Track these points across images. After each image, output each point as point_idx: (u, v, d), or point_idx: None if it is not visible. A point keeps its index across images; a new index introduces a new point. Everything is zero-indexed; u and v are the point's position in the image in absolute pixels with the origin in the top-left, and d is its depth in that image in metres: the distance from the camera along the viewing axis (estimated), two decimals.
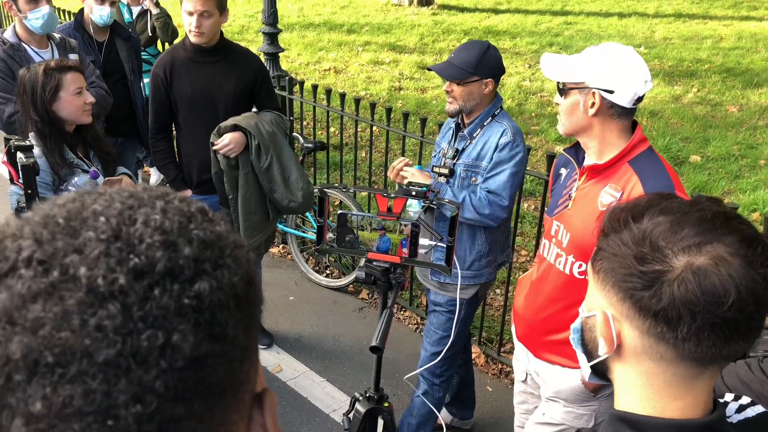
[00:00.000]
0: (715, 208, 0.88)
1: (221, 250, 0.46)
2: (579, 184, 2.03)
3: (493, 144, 2.54)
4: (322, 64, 9.69)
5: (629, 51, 1.89)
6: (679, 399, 0.89)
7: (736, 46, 11.09)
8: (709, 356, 0.85)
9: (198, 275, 0.43)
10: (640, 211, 0.90)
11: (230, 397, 0.45)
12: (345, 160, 5.58)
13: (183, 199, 0.49)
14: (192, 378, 0.41)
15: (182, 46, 3.25)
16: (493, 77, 2.56)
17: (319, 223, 1.95)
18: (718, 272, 0.82)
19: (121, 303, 0.40)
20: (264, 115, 3.31)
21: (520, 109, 7.83)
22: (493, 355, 3.74)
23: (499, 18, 13.34)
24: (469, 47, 2.58)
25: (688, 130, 7.19)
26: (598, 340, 0.95)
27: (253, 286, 0.48)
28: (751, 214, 5.29)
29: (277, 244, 4.91)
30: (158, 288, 0.41)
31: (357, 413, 2.10)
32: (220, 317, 0.43)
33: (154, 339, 0.40)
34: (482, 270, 2.74)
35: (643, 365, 0.90)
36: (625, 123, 1.94)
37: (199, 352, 0.42)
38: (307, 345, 3.86)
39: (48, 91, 2.59)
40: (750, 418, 0.98)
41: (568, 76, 1.93)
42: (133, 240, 0.42)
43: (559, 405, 2.15)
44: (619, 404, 0.96)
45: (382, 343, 1.65)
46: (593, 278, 0.96)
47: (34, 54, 3.47)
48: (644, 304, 0.86)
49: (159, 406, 0.40)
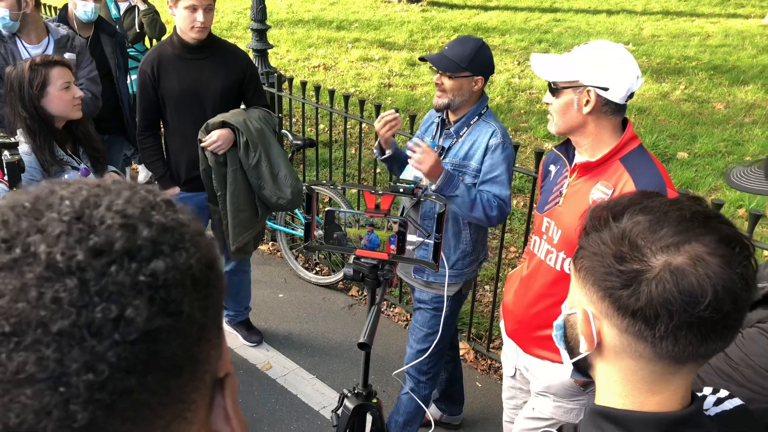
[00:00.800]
0: (695, 208, 0.88)
1: (181, 235, 0.49)
2: (570, 180, 2.03)
3: (483, 145, 2.54)
4: (311, 61, 9.67)
5: (620, 48, 1.89)
6: (657, 394, 0.90)
7: (723, 43, 11.17)
8: (686, 355, 0.86)
9: (155, 255, 0.45)
10: (620, 210, 0.91)
11: (187, 375, 0.47)
12: (334, 157, 5.57)
13: (150, 191, 0.52)
14: (145, 351, 0.43)
15: (170, 42, 3.23)
16: (483, 75, 2.56)
17: (307, 219, 1.95)
18: (695, 272, 0.82)
19: (79, 278, 0.42)
20: (252, 111, 3.30)
21: (509, 106, 7.85)
22: (482, 351, 3.76)
23: (489, 15, 13.36)
24: (463, 42, 2.57)
25: (676, 127, 7.24)
26: (579, 337, 0.96)
27: (212, 271, 0.50)
28: (737, 210, 5.33)
29: (267, 241, 4.90)
30: (115, 265, 0.43)
31: (345, 409, 2.10)
32: (174, 294, 0.45)
33: (108, 312, 0.42)
34: (465, 269, 2.76)
35: (622, 362, 0.91)
36: (617, 120, 1.95)
37: (152, 326, 0.43)
38: (296, 342, 3.86)
39: (35, 87, 2.57)
40: (727, 410, 0.99)
41: (561, 75, 1.92)
42: (94, 221, 0.45)
43: (549, 400, 2.17)
44: (599, 399, 0.97)
45: (370, 339, 1.65)
46: (574, 276, 0.96)
47: (22, 49, 3.44)
48: (623, 303, 0.86)
49: (111, 376, 0.42)
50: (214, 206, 3.31)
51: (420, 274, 2.73)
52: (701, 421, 0.91)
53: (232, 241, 3.32)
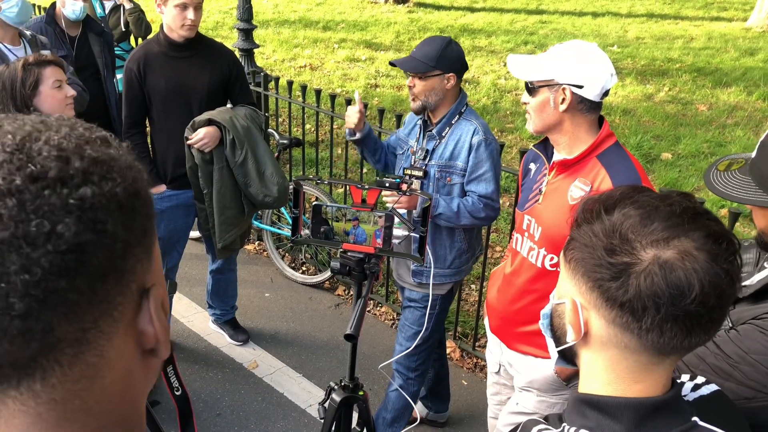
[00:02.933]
0: (685, 204, 0.90)
1: (110, 167, 0.56)
2: (549, 178, 2.07)
3: (466, 143, 2.55)
4: (297, 61, 9.66)
5: (594, 47, 1.94)
6: (640, 382, 0.93)
7: (707, 46, 11.30)
8: (671, 347, 0.88)
9: (84, 183, 0.53)
10: (612, 204, 0.92)
11: (113, 282, 0.56)
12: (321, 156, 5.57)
13: (89, 128, 0.60)
14: (73, 260, 0.52)
15: (156, 40, 3.22)
16: (455, 72, 2.55)
17: (294, 214, 1.96)
18: (683, 266, 0.84)
19: (17, 198, 0.50)
20: (239, 109, 3.29)
21: (495, 107, 7.90)
22: (468, 349, 3.78)
23: (475, 16, 13.42)
24: (430, 42, 2.58)
25: (660, 128, 7.32)
26: (566, 326, 0.97)
27: (138, 198, 0.58)
28: (719, 210, 5.40)
29: (253, 240, 4.89)
30: (49, 189, 0.51)
31: (332, 402, 2.11)
32: (100, 215, 0.54)
33: (42, 226, 0.50)
34: (462, 267, 2.77)
35: (608, 352, 0.93)
36: (593, 117, 1.98)
37: (80, 240, 0.52)
38: (283, 341, 3.86)
39: (28, 86, 2.55)
40: (705, 395, 1.02)
41: (537, 75, 1.96)
42: (33, 153, 0.53)
43: (533, 394, 2.19)
44: (582, 387, 0.99)
45: (356, 331, 1.66)
46: (564, 267, 0.98)
47: (7, 51, 3.42)
48: (611, 294, 0.88)
49: (43, 277, 0.50)
50: (201, 204, 3.30)
51: (419, 277, 2.74)
52: (680, 405, 0.94)
53: (218, 239, 3.31)
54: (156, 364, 0.64)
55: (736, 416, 1.03)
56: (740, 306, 1.46)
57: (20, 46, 3.50)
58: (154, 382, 0.67)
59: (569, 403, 0.99)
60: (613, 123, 7.44)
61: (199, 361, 3.65)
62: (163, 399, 2.79)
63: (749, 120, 7.67)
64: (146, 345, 0.61)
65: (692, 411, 0.93)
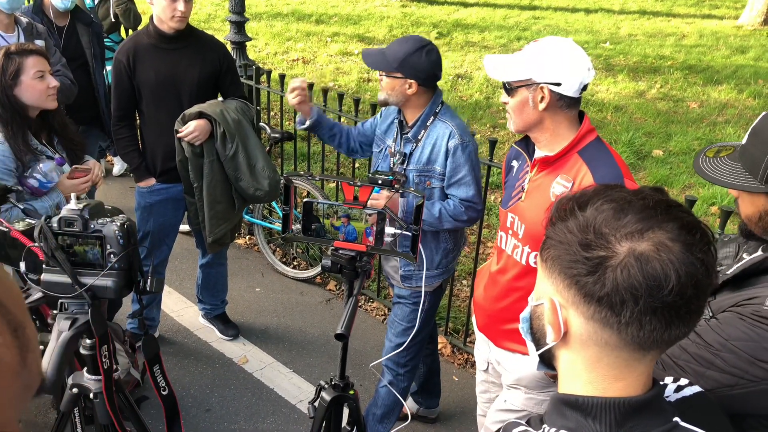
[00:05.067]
0: (657, 197, 0.90)
1: None
2: (531, 176, 2.06)
3: (442, 147, 2.50)
4: (290, 54, 9.61)
5: (569, 42, 1.92)
6: (621, 380, 0.92)
7: (698, 43, 11.34)
8: (651, 341, 0.88)
9: None
10: (585, 200, 0.92)
11: None
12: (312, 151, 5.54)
13: None
14: None
15: (146, 32, 3.19)
16: (417, 80, 2.46)
17: (285, 210, 1.94)
18: (659, 257, 0.84)
19: None
20: (229, 102, 3.26)
21: (488, 102, 7.89)
22: (459, 345, 3.78)
23: (468, 11, 13.40)
24: (404, 41, 2.49)
25: (651, 125, 7.34)
26: (545, 327, 0.97)
27: None
28: (709, 208, 5.42)
29: (244, 235, 4.86)
30: None
31: (323, 401, 2.10)
32: None
33: None
34: (449, 265, 2.77)
35: (588, 351, 0.93)
36: (573, 113, 1.97)
37: None
38: (273, 336, 3.84)
39: (8, 75, 2.52)
40: (687, 396, 1.02)
41: (514, 75, 1.95)
42: None
43: (520, 392, 2.19)
44: (562, 388, 0.98)
45: (347, 330, 1.64)
46: (541, 267, 0.97)
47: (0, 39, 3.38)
48: (589, 289, 0.87)
49: None
50: (191, 198, 3.27)
51: (408, 281, 2.73)
52: (661, 405, 0.93)
53: (209, 234, 3.29)
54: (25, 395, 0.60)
55: (719, 418, 1.02)
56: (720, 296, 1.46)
57: (14, 33, 3.46)
58: None
59: (549, 405, 0.99)
60: (604, 119, 7.45)
61: (189, 356, 3.62)
62: (151, 395, 2.77)
63: (740, 117, 7.71)
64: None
65: (674, 411, 0.93)
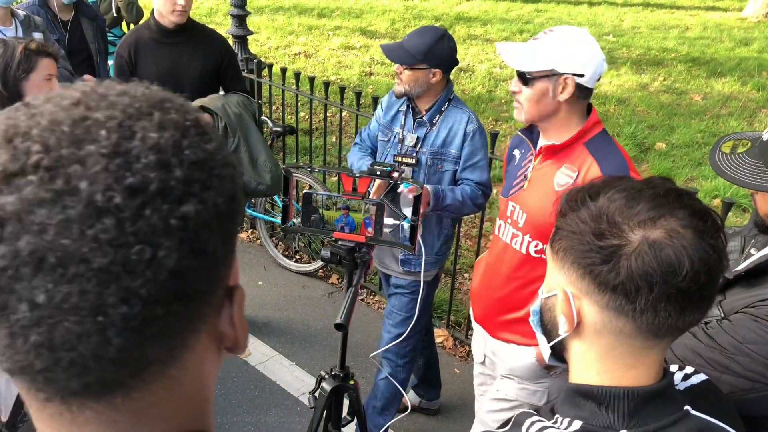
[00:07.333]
0: (667, 185, 0.92)
1: (210, 171, 0.51)
2: (535, 164, 2.04)
3: (460, 131, 2.55)
4: (291, 48, 9.60)
5: (585, 32, 1.90)
6: (633, 369, 0.93)
7: (701, 36, 11.28)
8: (665, 328, 0.89)
9: (186, 197, 0.48)
10: (596, 191, 0.93)
11: (206, 298, 0.52)
12: (314, 144, 5.55)
13: (179, 108, 0.53)
14: (172, 286, 0.48)
15: (147, 26, 3.20)
16: (442, 68, 2.52)
17: (284, 201, 1.95)
18: (672, 244, 0.85)
19: (116, 218, 0.45)
20: (231, 96, 3.27)
21: (491, 95, 7.87)
22: (460, 337, 3.78)
23: (470, 4, 13.36)
24: (423, 33, 2.53)
25: (654, 118, 7.31)
26: (558, 319, 0.97)
27: (235, 203, 0.53)
28: (712, 201, 5.41)
29: (246, 229, 4.88)
30: (149, 207, 0.46)
31: (323, 391, 2.11)
32: (202, 236, 0.49)
33: (142, 253, 0.46)
34: (447, 252, 2.80)
35: (602, 340, 0.93)
36: (585, 105, 1.96)
37: (181, 267, 0.48)
38: (276, 329, 3.86)
39: (21, 69, 2.54)
40: (695, 384, 1.03)
41: (536, 65, 1.89)
42: (131, 158, 0.47)
43: (514, 382, 2.18)
44: (574, 378, 0.99)
45: (346, 320, 1.65)
46: (552, 258, 0.98)
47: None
48: (603, 278, 0.88)
49: (142, 309, 0.47)
50: None
51: (407, 265, 2.74)
52: (672, 394, 0.94)
53: None
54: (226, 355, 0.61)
55: (727, 405, 1.03)
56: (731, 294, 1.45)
57: (11, 26, 3.47)
58: None
59: (562, 395, 0.99)
60: (607, 112, 7.44)
61: None
62: None
63: (743, 110, 7.68)
64: (225, 344, 0.58)
65: (684, 400, 0.94)
